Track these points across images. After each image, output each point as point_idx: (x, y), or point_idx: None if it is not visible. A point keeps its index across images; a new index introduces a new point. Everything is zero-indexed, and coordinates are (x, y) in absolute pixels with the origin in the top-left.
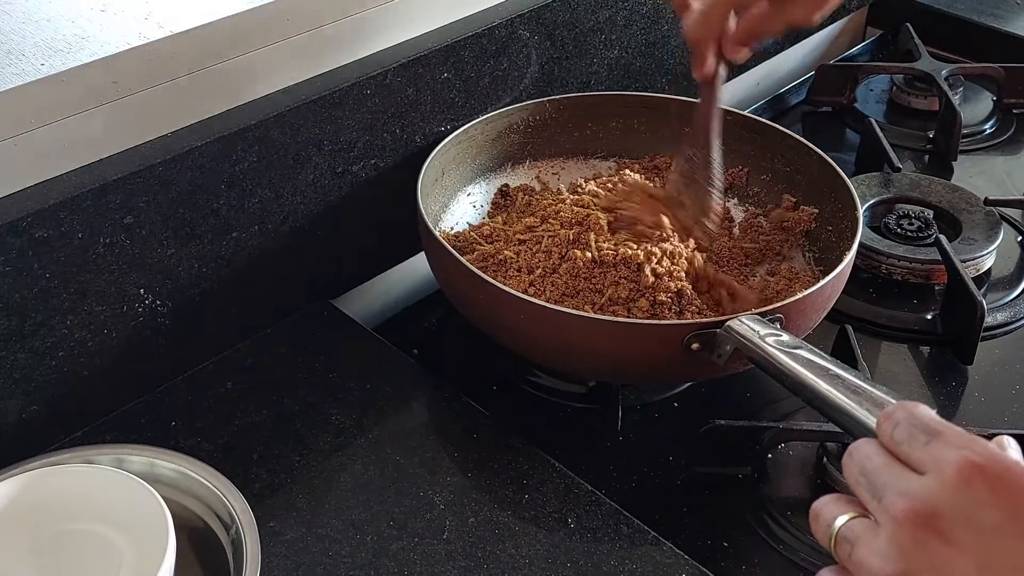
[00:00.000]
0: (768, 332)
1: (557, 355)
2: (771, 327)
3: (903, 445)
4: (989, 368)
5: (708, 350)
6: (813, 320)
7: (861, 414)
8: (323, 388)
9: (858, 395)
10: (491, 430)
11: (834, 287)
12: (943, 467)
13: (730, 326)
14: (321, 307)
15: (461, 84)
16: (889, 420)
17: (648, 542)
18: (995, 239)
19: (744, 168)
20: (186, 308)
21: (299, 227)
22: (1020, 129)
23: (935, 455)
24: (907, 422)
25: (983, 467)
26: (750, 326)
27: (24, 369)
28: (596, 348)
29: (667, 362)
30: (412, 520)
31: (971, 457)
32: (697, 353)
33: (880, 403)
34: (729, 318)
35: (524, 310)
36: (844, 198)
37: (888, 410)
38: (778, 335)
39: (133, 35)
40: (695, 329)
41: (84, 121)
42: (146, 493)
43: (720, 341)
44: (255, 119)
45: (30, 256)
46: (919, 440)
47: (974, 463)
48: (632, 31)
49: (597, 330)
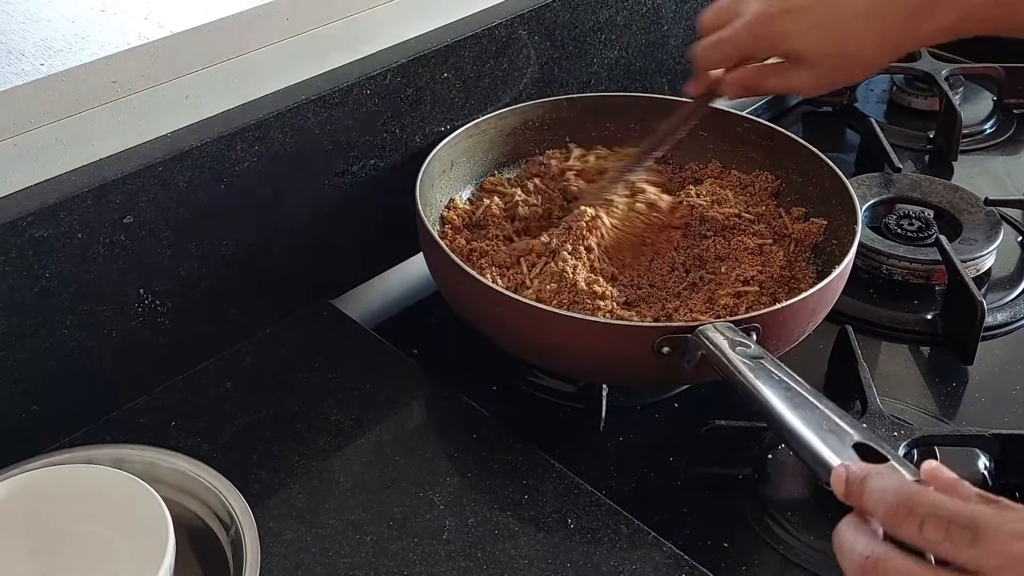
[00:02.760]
0: (737, 340)
1: (540, 352)
2: (742, 336)
3: (944, 545)
4: (989, 368)
5: (679, 354)
6: (795, 331)
7: (812, 440)
8: (323, 388)
9: (813, 416)
10: (491, 430)
11: (820, 298)
12: (1009, 567)
13: (702, 331)
14: (321, 307)
15: (461, 84)
16: (911, 517)
17: (648, 542)
18: (995, 239)
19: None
20: (186, 308)
21: (299, 227)
22: (1020, 129)
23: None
24: (936, 516)
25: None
26: (721, 333)
27: (24, 369)
28: (573, 346)
29: (639, 364)
30: (412, 520)
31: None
32: (668, 357)
33: (835, 430)
34: (702, 323)
35: (504, 305)
36: (844, 199)
37: (900, 506)
38: (745, 345)
39: (133, 35)
40: (666, 332)
41: (84, 121)
42: (146, 493)
43: (691, 347)
44: (255, 119)
45: (30, 256)
46: (963, 537)
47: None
48: (632, 31)
49: (573, 328)
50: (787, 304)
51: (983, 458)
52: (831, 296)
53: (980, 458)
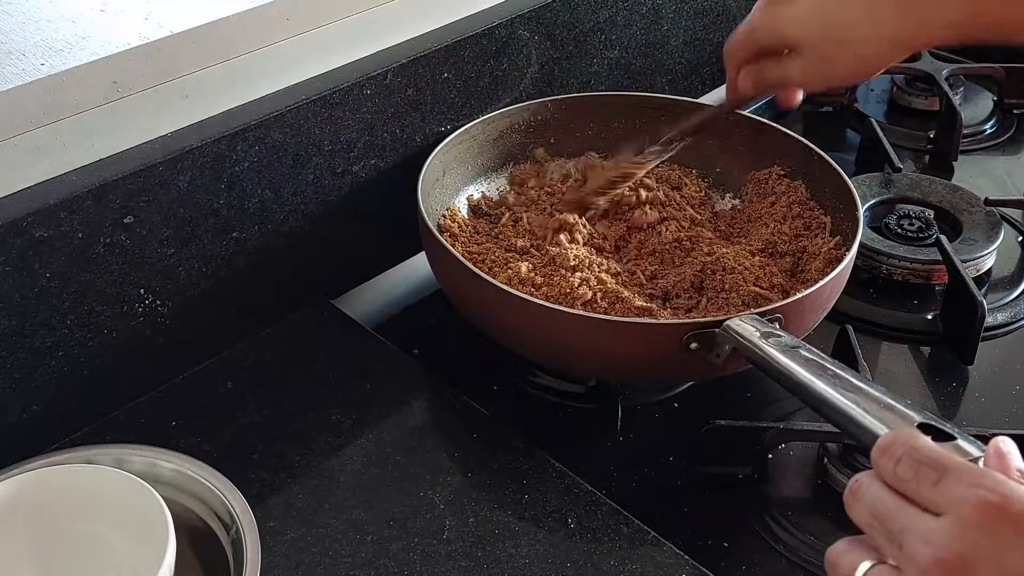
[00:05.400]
0: (767, 331)
1: (554, 354)
2: (770, 327)
3: (910, 483)
4: (989, 368)
5: (707, 349)
6: (812, 320)
7: (858, 414)
8: (323, 388)
9: (856, 395)
10: (491, 430)
11: (834, 286)
12: (961, 509)
13: (729, 326)
14: (321, 307)
15: (461, 84)
16: (888, 455)
17: (648, 542)
18: (995, 239)
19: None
20: (186, 308)
21: (299, 227)
22: (1020, 129)
23: (949, 496)
24: (910, 457)
25: (1002, 507)
26: (749, 326)
27: (24, 369)
28: (593, 347)
29: (665, 362)
30: (412, 520)
31: (988, 497)
32: (696, 353)
33: (878, 402)
34: (728, 318)
35: (522, 309)
36: (845, 199)
37: (883, 443)
38: (778, 335)
39: (133, 35)
40: (693, 328)
41: (84, 121)
42: (146, 493)
43: (719, 341)
44: (255, 119)
45: (30, 256)
46: (928, 478)
47: (992, 503)
48: (632, 31)
49: (594, 329)
50: (806, 294)
51: None
52: (837, 289)
53: None
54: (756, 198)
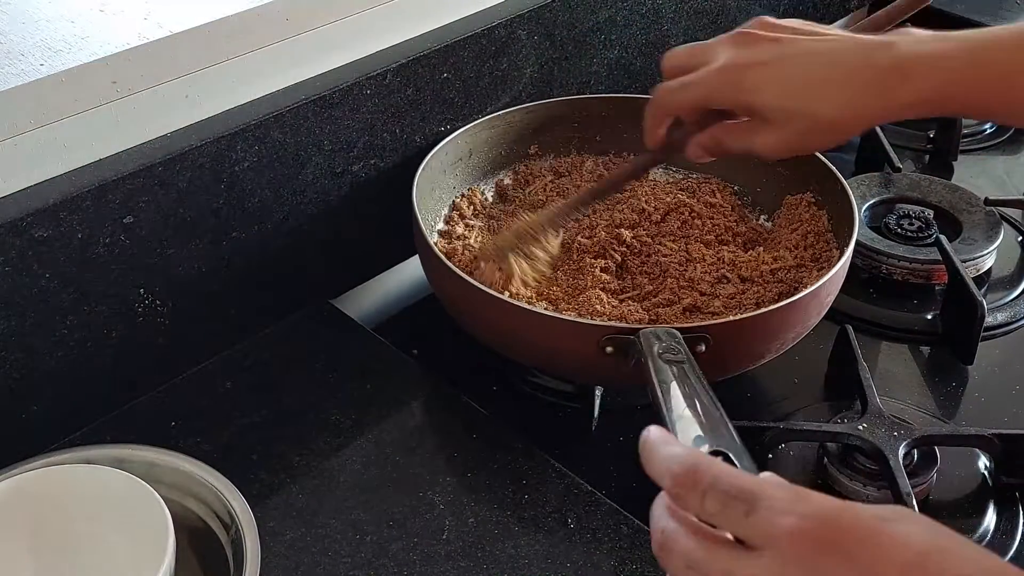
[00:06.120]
0: (671, 347)
1: (507, 344)
2: (678, 344)
3: (719, 518)
4: (989, 368)
5: (622, 355)
6: (769, 344)
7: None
8: (323, 388)
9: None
10: (490, 430)
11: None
12: (777, 543)
13: (643, 334)
14: (321, 307)
15: (461, 84)
16: (693, 490)
17: (648, 542)
18: (995, 239)
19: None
20: (186, 308)
21: (299, 227)
22: (1020, 129)
23: (764, 529)
24: (715, 489)
25: (816, 533)
26: (660, 340)
27: (24, 369)
28: (527, 339)
29: (586, 361)
30: (411, 520)
31: (803, 525)
32: (612, 356)
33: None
34: (644, 327)
35: (475, 297)
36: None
37: (683, 476)
38: (675, 352)
39: (133, 35)
40: (610, 332)
41: (84, 121)
42: (146, 493)
43: (634, 349)
44: (255, 119)
45: (30, 256)
46: (737, 510)
47: (807, 532)
48: (632, 31)
49: (528, 320)
50: (741, 318)
51: (983, 458)
52: (800, 316)
53: (980, 458)
54: (785, 222)
